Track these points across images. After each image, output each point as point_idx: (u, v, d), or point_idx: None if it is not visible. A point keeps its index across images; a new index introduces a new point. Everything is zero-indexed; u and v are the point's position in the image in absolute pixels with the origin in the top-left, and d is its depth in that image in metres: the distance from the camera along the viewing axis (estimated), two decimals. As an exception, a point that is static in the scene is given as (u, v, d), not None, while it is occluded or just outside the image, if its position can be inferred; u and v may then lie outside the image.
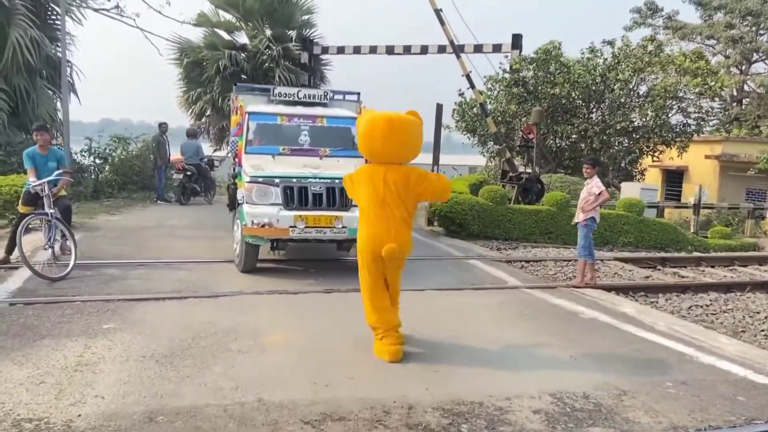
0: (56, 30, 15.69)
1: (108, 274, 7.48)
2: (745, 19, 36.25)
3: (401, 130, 4.93)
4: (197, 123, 21.70)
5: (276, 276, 7.66)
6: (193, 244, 9.78)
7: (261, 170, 7.50)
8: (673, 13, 39.63)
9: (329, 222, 7.27)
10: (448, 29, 13.30)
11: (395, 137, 4.89)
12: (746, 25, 36.45)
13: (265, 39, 20.10)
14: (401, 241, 4.88)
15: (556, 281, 8.60)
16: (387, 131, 4.87)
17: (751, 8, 35.42)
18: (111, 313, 5.91)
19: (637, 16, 40.17)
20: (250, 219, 7.16)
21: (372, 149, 5.01)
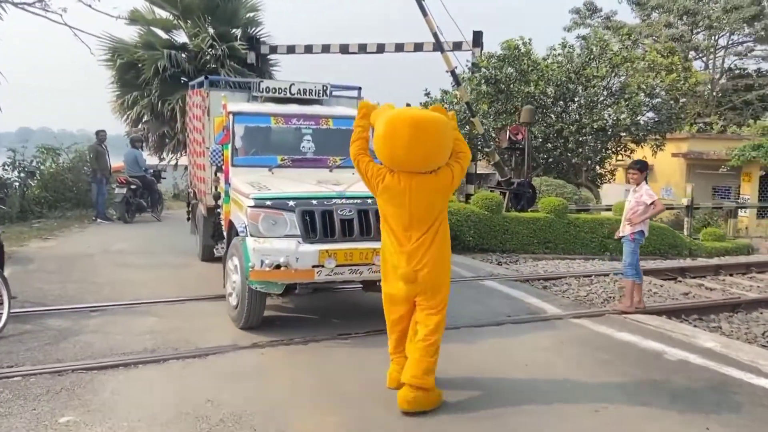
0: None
1: (53, 327, 5.75)
2: (682, 18, 36.90)
3: (431, 133, 4.09)
4: (134, 130, 19.64)
5: (266, 314, 6.08)
6: (153, 275, 8.07)
7: (266, 189, 5.81)
8: (611, 14, 39.97)
9: (367, 257, 5.44)
10: (431, 21, 12.02)
11: (422, 142, 4.06)
12: (684, 24, 37.10)
13: (208, 37, 18.33)
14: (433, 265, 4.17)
15: (592, 304, 7.43)
16: (412, 135, 4.03)
17: (687, 7, 36.01)
18: (67, 394, 4.27)
19: (577, 16, 40.35)
20: (258, 258, 5.32)
21: (393, 155, 4.15)
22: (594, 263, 10.69)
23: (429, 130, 4.10)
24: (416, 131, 4.05)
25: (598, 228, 11.71)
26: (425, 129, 4.09)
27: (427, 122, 4.11)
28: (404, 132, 4.05)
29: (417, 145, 4.05)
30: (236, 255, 5.78)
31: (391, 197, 4.24)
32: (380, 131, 4.19)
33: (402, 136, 4.05)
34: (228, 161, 6.56)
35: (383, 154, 4.23)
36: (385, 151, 4.19)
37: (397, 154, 4.12)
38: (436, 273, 4.20)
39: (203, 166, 8.12)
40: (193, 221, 9.75)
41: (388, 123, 4.14)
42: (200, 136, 8.26)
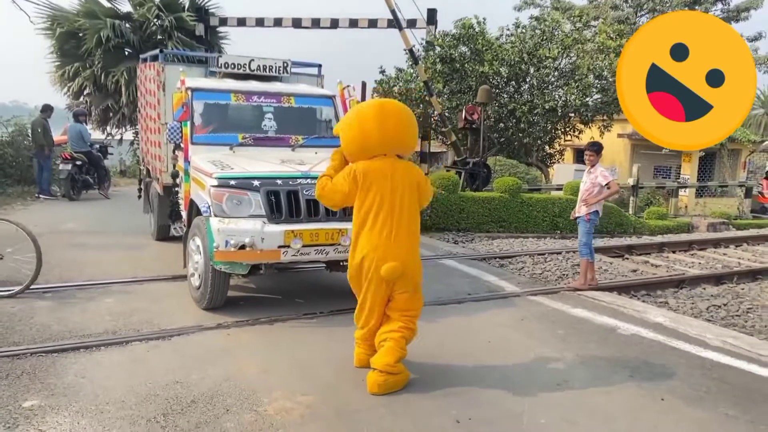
0: None
1: (5, 309, 5.54)
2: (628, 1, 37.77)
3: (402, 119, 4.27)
4: (76, 103, 18.89)
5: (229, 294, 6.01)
6: (107, 255, 7.86)
7: (229, 169, 5.69)
8: (560, -7, 40.48)
9: (333, 238, 5.50)
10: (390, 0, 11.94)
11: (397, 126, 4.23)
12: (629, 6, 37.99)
13: (154, 7, 17.69)
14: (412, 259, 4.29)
15: (547, 281, 7.67)
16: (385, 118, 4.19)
17: (631, -11, 36.91)
18: (28, 377, 4.15)
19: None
20: (222, 239, 5.22)
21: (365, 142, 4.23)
22: (546, 242, 10.99)
23: (394, 110, 4.27)
24: (383, 111, 4.23)
25: (550, 207, 12.03)
26: (391, 110, 4.26)
27: (391, 104, 4.36)
28: (372, 114, 4.21)
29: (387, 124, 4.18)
30: (198, 235, 5.70)
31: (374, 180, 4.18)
32: (349, 121, 4.31)
33: (371, 118, 4.19)
34: (187, 139, 6.41)
35: (355, 141, 4.26)
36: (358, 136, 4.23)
37: (372, 136, 4.18)
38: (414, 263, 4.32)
39: (158, 143, 7.91)
40: (146, 200, 9.51)
41: (356, 111, 4.32)
42: (155, 112, 8.02)
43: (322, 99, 7.35)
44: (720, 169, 22.15)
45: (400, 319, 4.33)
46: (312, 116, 7.25)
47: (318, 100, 7.33)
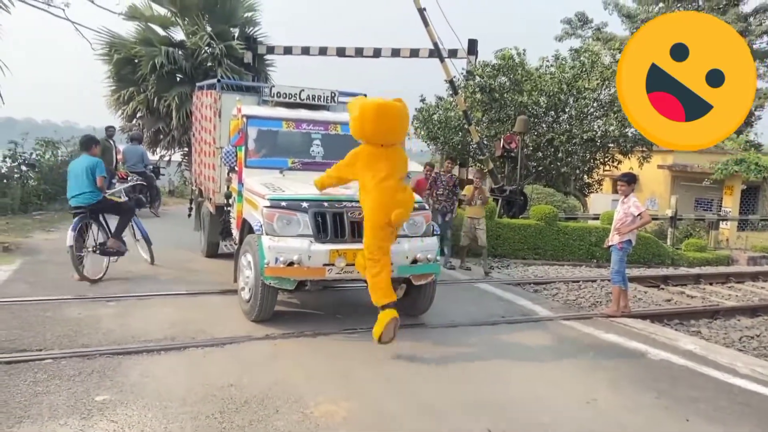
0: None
1: (73, 315, 6.04)
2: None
3: (389, 115, 5.54)
4: (129, 125, 19.83)
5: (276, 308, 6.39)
6: (161, 270, 8.36)
7: (280, 191, 6.17)
8: (601, 25, 40.54)
9: None
10: (432, 30, 12.42)
11: (384, 121, 5.52)
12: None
13: (206, 36, 18.57)
14: (407, 207, 5.63)
15: (580, 307, 7.86)
16: (376, 115, 5.48)
17: (676, 22, 36.81)
18: (98, 376, 4.59)
19: (568, 27, 40.89)
20: (272, 255, 5.65)
21: (364, 131, 5.61)
22: (582, 270, 11.14)
23: (388, 112, 5.54)
24: (378, 113, 5.49)
25: (586, 236, 12.18)
26: (386, 111, 5.52)
27: (387, 107, 5.55)
28: (371, 113, 5.49)
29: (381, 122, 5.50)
30: (250, 252, 6.12)
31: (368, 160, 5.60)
32: (354, 114, 5.60)
33: (369, 115, 5.49)
34: (242, 162, 6.89)
35: (357, 131, 5.64)
36: (358, 127, 5.58)
37: (367, 129, 5.55)
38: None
39: (212, 166, 8.45)
40: (197, 218, 10.05)
41: (360, 107, 5.57)
42: (210, 137, 8.58)
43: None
44: (763, 203, 21.82)
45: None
46: (357, 143, 7.65)
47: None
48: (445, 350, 5.63)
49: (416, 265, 6.09)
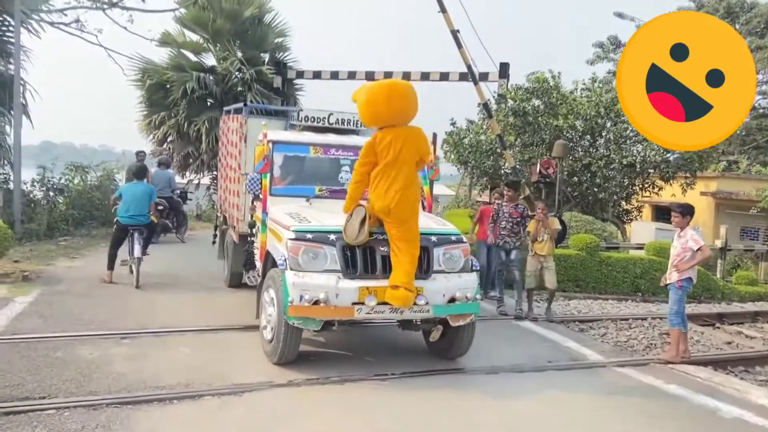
0: (8, 44, 13.62)
1: (85, 355, 5.61)
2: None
3: (400, 94, 5.50)
4: (159, 149, 19.79)
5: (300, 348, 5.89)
6: (181, 301, 7.95)
7: (306, 222, 5.70)
8: (636, 48, 39.68)
9: None
10: (465, 53, 12.02)
11: (396, 100, 5.45)
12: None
13: (237, 61, 18.52)
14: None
15: (634, 351, 7.18)
16: (388, 96, 5.44)
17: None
18: (103, 431, 4.12)
19: (600, 50, 40.18)
20: (297, 293, 5.17)
21: (377, 114, 5.55)
22: (628, 305, 10.43)
23: (401, 90, 5.53)
24: (391, 91, 5.48)
25: (631, 267, 11.47)
26: (399, 89, 5.52)
27: (398, 85, 5.61)
28: (384, 93, 5.46)
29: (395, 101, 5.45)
30: (273, 287, 5.64)
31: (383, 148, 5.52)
32: (364, 98, 5.54)
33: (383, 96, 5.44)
34: (266, 190, 6.46)
35: (368, 114, 5.61)
36: (370, 110, 5.54)
37: (381, 110, 5.49)
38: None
39: (237, 193, 8.05)
40: (221, 246, 9.66)
41: (369, 90, 5.56)
42: (235, 162, 8.21)
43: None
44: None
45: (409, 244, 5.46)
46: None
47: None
48: (487, 402, 5.06)
49: (454, 304, 5.55)
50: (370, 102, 5.49)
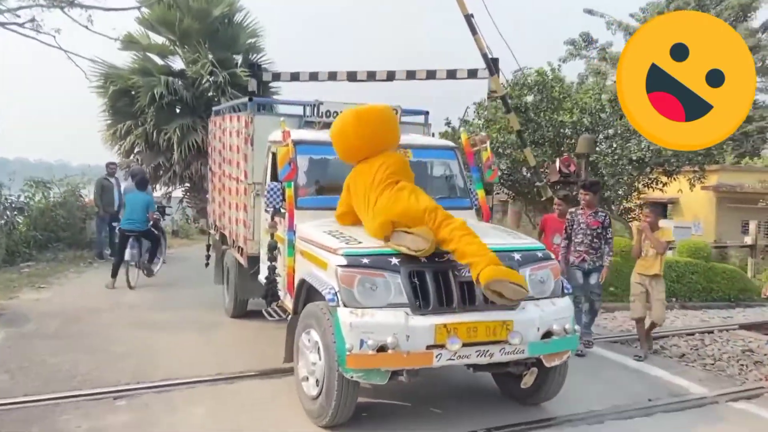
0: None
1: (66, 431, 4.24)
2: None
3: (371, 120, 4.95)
4: (126, 161, 18.25)
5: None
6: (181, 339, 6.59)
7: (355, 241, 4.45)
8: (606, 45, 39.45)
9: (496, 333, 4.15)
10: (480, 39, 10.92)
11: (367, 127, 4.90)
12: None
13: (208, 63, 17.20)
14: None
15: (728, 375, 6.08)
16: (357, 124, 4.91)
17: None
18: None
19: (572, 47, 39.74)
20: (356, 337, 3.93)
21: (349, 146, 5.04)
22: (676, 314, 9.40)
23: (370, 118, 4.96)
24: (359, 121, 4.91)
25: (667, 272, 10.44)
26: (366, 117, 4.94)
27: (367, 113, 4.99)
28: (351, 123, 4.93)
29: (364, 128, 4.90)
30: (316, 329, 4.35)
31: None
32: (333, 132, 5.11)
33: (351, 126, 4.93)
34: (292, 203, 5.18)
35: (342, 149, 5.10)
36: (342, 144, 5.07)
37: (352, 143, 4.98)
38: None
39: (242, 206, 6.73)
40: (218, 269, 8.28)
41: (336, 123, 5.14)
42: (238, 170, 6.89)
43: (443, 151, 6.13)
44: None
45: None
46: (433, 172, 6.00)
47: (439, 153, 6.11)
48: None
49: (551, 340, 4.36)
50: (340, 134, 5.02)
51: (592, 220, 6.52)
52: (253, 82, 17.92)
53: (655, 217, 6.46)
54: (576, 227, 6.57)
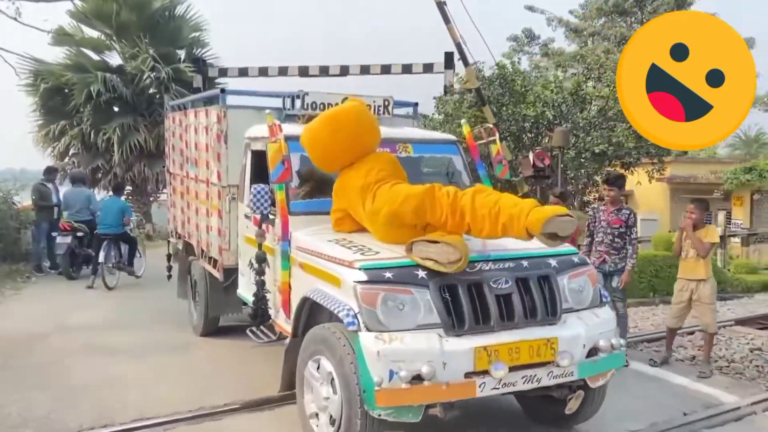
0: None
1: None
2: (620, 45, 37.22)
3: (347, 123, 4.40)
4: (61, 164, 16.95)
5: None
6: (147, 366, 5.75)
7: (370, 251, 3.82)
8: (548, 41, 39.89)
9: (541, 353, 3.60)
10: (453, 28, 10.38)
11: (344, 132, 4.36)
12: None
13: (149, 59, 16.14)
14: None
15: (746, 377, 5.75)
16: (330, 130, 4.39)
17: (624, 34, 36.39)
18: None
19: (515, 44, 40.00)
20: (385, 368, 3.30)
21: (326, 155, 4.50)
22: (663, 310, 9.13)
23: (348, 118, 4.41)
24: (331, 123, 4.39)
25: (647, 266, 10.25)
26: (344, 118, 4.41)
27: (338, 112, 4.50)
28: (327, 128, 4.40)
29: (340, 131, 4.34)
30: (329, 357, 3.68)
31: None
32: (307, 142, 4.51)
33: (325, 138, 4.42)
34: (284, 207, 4.48)
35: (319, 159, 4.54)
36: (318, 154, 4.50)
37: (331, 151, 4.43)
38: None
39: (214, 212, 5.95)
40: (183, 283, 7.43)
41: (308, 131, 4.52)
42: (208, 172, 6.10)
43: (445, 145, 5.56)
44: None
45: None
46: (437, 168, 5.41)
47: (441, 147, 5.53)
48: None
49: (599, 358, 3.84)
50: (314, 144, 4.48)
51: (614, 218, 5.95)
52: (198, 77, 17.06)
53: (700, 213, 5.81)
54: (597, 225, 6.04)
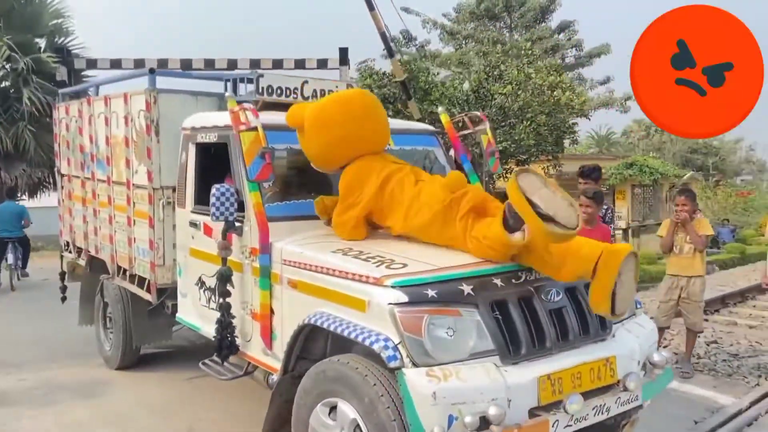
0: None
1: None
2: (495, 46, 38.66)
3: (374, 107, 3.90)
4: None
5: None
6: (61, 417, 4.53)
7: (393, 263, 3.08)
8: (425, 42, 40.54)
9: (602, 376, 3.03)
10: (378, 16, 9.71)
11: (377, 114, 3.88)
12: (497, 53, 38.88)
13: (4, 47, 14.30)
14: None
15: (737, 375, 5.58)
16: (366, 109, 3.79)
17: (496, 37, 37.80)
18: None
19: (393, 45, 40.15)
20: (443, 412, 2.59)
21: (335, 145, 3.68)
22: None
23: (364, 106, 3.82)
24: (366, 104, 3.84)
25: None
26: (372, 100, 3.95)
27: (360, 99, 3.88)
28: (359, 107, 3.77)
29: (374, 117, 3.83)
30: (353, 401, 2.87)
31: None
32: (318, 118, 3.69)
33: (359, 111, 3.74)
34: (261, 212, 3.57)
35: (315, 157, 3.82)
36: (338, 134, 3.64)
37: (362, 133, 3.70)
38: None
39: (143, 221, 4.82)
40: (87, 306, 6.10)
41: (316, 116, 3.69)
42: (129, 171, 4.95)
43: (423, 137, 4.91)
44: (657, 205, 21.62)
45: None
46: (422, 161, 4.73)
47: (418, 138, 4.86)
48: None
49: (656, 375, 3.35)
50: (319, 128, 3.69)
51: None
52: (63, 69, 15.27)
53: (693, 205, 5.50)
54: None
